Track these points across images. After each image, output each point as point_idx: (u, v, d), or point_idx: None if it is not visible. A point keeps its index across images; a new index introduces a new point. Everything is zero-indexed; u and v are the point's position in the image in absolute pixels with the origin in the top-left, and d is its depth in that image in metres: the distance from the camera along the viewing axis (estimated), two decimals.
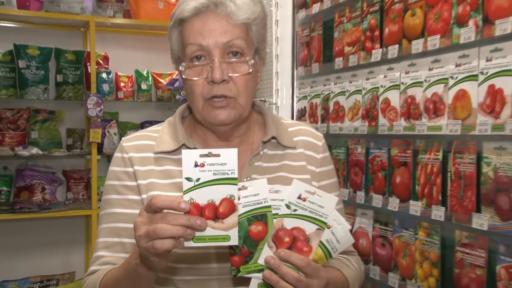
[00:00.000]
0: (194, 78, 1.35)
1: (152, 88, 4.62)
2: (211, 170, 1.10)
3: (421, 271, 1.97)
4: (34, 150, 4.02)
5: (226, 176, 1.10)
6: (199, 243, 1.10)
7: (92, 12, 4.33)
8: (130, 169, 1.42)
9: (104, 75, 4.38)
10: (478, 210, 1.73)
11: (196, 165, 1.10)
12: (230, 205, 1.11)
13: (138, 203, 1.39)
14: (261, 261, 1.18)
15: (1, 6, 3.90)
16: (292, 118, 2.85)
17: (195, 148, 1.40)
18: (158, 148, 1.43)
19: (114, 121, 4.35)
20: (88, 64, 4.19)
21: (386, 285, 2.15)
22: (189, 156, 1.10)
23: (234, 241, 1.12)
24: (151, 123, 4.21)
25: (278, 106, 2.85)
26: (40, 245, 4.31)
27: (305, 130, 1.57)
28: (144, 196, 1.39)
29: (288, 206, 1.19)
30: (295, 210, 1.19)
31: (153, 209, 1.10)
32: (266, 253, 1.18)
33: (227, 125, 1.40)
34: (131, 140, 1.47)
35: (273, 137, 1.48)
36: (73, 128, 4.42)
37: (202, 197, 1.10)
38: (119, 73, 4.51)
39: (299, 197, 1.19)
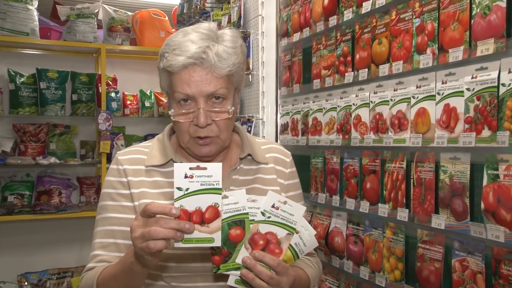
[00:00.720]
0: (183, 121, 1.34)
1: (155, 105, 4.62)
2: (198, 181, 1.11)
3: (388, 265, 1.96)
4: (52, 159, 4.01)
5: (211, 186, 1.12)
6: (187, 244, 1.11)
7: (103, 41, 4.34)
8: (124, 179, 1.41)
9: (113, 94, 4.38)
10: (437, 212, 1.73)
11: (186, 177, 1.11)
12: (215, 211, 1.12)
13: (131, 209, 1.39)
14: (238, 260, 1.19)
15: (27, 36, 3.93)
16: (276, 132, 2.85)
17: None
18: (149, 162, 1.43)
19: (121, 134, 4.34)
20: (99, 85, 4.19)
21: (358, 277, 2.14)
22: (180, 168, 1.11)
23: (217, 242, 1.13)
24: (153, 135, 4.19)
25: (264, 121, 2.84)
26: (57, 242, 4.28)
27: (275, 148, 1.59)
28: (136, 203, 1.38)
29: (263, 214, 1.20)
30: (269, 217, 1.20)
31: (147, 214, 1.11)
32: (243, 253, 1.19)
33: (210, 157, 1.41)
34: (125, 154, 1.47)
35: (249, 154, 1.49)
36: (85, 140, 4.41)
37: (190, 204, 1.11)
38: (126, 93, 4.51)
39: (273, 206, 1.20)
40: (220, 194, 1.12)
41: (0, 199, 4.00)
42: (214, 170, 1.12)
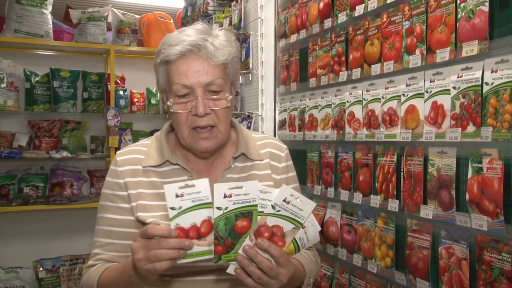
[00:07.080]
0: (181, 112, 1.30)
1: (160, 103, 4.60)
2: (189, 199, 1.11)
3: (379, 253, 1.97)
4: (65, 154, 4.01)
5: (202, 201, 1.12)
6: (189, 259, 1.12)
7: (112, 42, 4.34)
8: (121, 181, 1.38)
9: (121, 92, 4.37)
10: (425, 203, 1.74)
11: (177, 196, 1.10)
12: (209, 225, 1.12)
13: (128, 210, 1.37)
14: (241, 251, 1.14)
15: (41, 38, 3.96)
16: (275, 127, 2.85)
17: (177, 164, 1.38)
18: (146, 163, 1.39)
19: (129, 129, 4.34)
20: (108, 83, 4.18)
21: (351, 264, 2.15)
22: (170, 189, 1.11)
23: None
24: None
25: (263, 118, 2.85)
26: (69, 230, 4.29)
27: (271, 143, 1.53)
28: (133, 204, 1.36)
29: (273, 207, 1.15)
30: (278, 211, 1.15)
31: (147, 236, 1.11)
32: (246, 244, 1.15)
33: (210, 152, 1.37)
34: (124, 154, 1.43)
35: (243, 153, 1.44)
36: (95, 135, 4.40)
37: (185, 221, 1.11)
38: (133, 91, 4.51)
39: (284, 200, 1.15)
40: (211, 207, 1.11)
41: (16, 191, 4.01)
42: (202, 186, 1.11)
